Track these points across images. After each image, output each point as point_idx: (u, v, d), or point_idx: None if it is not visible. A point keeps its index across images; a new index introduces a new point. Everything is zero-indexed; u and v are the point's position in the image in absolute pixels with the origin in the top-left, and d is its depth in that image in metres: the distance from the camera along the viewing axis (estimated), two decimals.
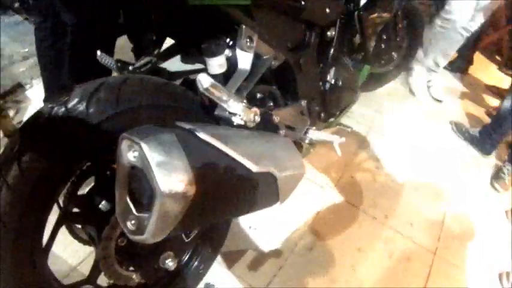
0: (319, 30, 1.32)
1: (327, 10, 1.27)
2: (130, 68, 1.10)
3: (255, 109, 0.97)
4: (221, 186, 0.82)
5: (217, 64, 0.95)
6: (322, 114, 1.50)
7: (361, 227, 1.76)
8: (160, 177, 0.69)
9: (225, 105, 0.92)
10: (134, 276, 1.03)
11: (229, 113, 0.94)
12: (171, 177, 0.70)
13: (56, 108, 0.81)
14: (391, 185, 1.99)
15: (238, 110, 0.92)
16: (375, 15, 1.58)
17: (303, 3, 1.15)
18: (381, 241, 1.72)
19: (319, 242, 1.66)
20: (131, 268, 1.01)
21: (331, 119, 1.56)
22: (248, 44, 0.99)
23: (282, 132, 1.24)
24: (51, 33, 1.52)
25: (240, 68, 0.99)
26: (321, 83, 1.44)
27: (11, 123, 1.83)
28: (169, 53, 1.20)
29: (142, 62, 1.11)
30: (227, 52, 0.99)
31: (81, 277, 1.03)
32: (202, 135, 0.78)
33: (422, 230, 1.80)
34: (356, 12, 1.48)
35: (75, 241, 1.04)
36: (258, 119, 0.99)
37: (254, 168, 0.86)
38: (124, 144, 0.74)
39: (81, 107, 0.81)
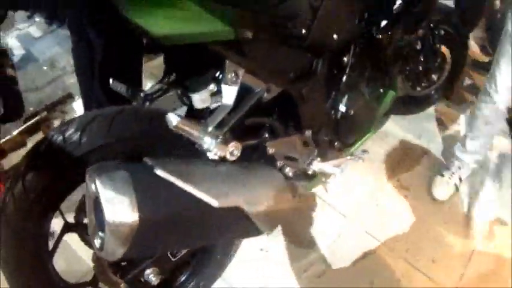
0: (328, 56, 1.30)
1: (335, 36, 1.24)
2: (142, 94, 1.19)
3: (233, 144, 1.02)
4: (174, 219, 0.90)
5: (199, 99, 1.03)
6: (336, 144, 1.49)
7: (377, 259, 1.72)
8: (108, 209, 0.80)
9: (198, 142, 0.97)
10: (122, 285, 1.14)
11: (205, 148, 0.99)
12: (117, 210, 0.80)
13: (55, 136, 0.96)
14: (418, 215, 1.91)
15: (211, 146, 0.97)
16: (397, 37, 1.51)
17: (303, 31, 1.14)
18: (397, 277, 1.67)
19: (329, 270, 1.66)
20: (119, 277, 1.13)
21: (348, 149, 1.55)
22: (233, 79, 1.03)
23: (279, 163, 1.28)
24: (86, 52, 1.68)
25: (223, 102, 1.04)
26: (332, 111, 1.43)
27: None
28: (179, 81, 1.28)
29: (153, 89, 1.20)
30: (212, 87, 1.05)
31: None
32: (159, 171, 0.85)
33: (444, 268, 1.72)
34: (374, 35, 1.43)
35: None
36: (237, 153, 1.03)
37: (215, 203, 0.91)
38: (88, 177, 0.84)
39: (76, 137, 0.96)
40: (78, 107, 2.34)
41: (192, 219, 0.93)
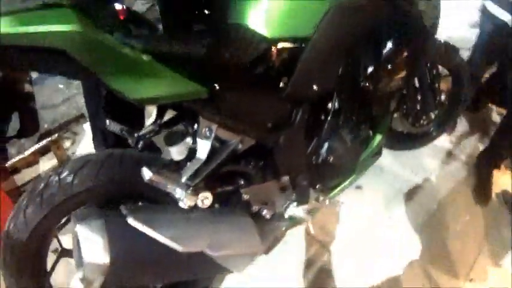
0: (308, 105, 1.40)
1: (315, 87, 1.33)
2: (135, 135, 1.36)
3: (203, 194, 1.20)
4: (143, 260, 1.09)
5: (176, 152, 1.20)
6: (315, 188, 1.60)
7: None
8: (85, 250, 1.00)
9: (171, 192, 1.16)
10: None
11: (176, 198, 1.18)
12: (92, 251, 1.00)
13: (52, 177, 1.18)
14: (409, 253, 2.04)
15: (181, 196, 1.16)
16: (385, 83, 1.59)
17: (281, 84, 1.27)
18: None
19: None
20: None
21: (328, 193, 1.67)
22: (207, 133, 1.19)
23: (255, 208, 1.42)
24: (92, 90, 1.90)
25: (197, 155, 1.21)
26: (312, 157, 1.54)
27: (65, 154, 2.29)
28: (171, 123, 1.40)
29: (146, 130, 1.36)
30: (188, 140, 1.22)
31: None
32: (130, 220, 1.05)
33: None
34: (359, 82, 1.52)
35: None
36: (208, 202, 1.21)
37: (180, 248, 1.09)
38: (72, 221, 1.06)
39: (69, 179, 1.17)
40: (88, 128, 2.55)
41: (160, 260, 1.11)
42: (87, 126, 2.59)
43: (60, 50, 0.85)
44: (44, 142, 2.32)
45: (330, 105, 1.51)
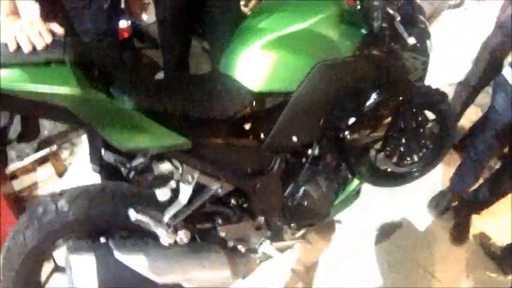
0: (287, 154, 1.56)
1: (295, 139, 1.49)
2: (127, 165, 1.48)
3: (182, 232, 1.40)
4: None
5: (161, 194, 1.38)
6: (288, 228, 1.78)
7: None
8: (76, 279, 1.21)
9: (154, 231, 1.37)
10: None
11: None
12: (82, 281, 1.21)
13: (50, 205, 1.37)
14: None
15: (162, 235, 1.37)
16: (366, 133, 1.77)
17: (261, 136, 1.43)
18: None
19: None
20: None
21: (299, 232, 1.85)
22: (189, 179, 1.36)
23: (230, 244, 1.61)
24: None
25: (179, 198, 1.39)
26: (289, 201, 1.71)
27: (63, 165, 2.51)
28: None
29: (136, 162, 1.47)
30: (172, 183, 1.39)
31: None
32: (116, 253, 1.26)
33: None
34: (340, 133, 1.68)
35: None
36: (186, 240, 1.40)
37: (159, 280, 1.31)
38: (66, 251, 1.28)
39: (65, 208, 1.36)
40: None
41: None
42: (85, 138, 2.78)
43: (62, 106, 1.01)
44: (43, 153, 2.55)
45: (309, 152, 1.66)
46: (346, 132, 1.71)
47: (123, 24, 2.51)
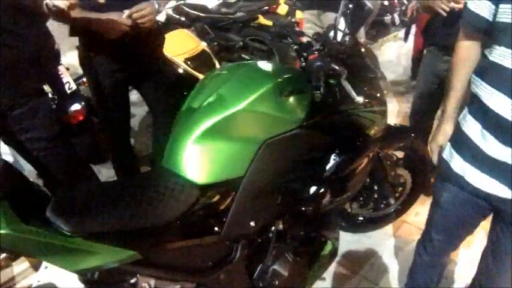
0: (247, 239, 1.49)
1: (252, 224, 1.43)
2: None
3: None
4: None
5: None
6: None
7: None
8: None
9: None
10: None
11: None
12: None
13: None
14: None
15: None
16: (330, 199, 1.66)
17: (216, 228, 1.37)
18: None
19: None
20: None
21: None
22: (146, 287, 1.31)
23: None
24: None
25: None
26: (259, 283, 1.63)
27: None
28: None
29: None
30: None
31: None
32: None
33: None
34: (302, 204, 1.60)
35: None
36: None
37: None
38: None
39: None
40: None
41: None
42: None
43: None
44: None
45: (270, 234, 1.59)
46: (309, 202, 1.64)
47: (76, 107, 2.50)
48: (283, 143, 1.46)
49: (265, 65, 1.68)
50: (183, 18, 4.26)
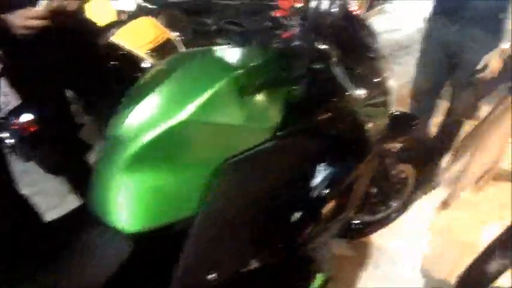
0: None
1: (212, 275, 1.14)
2: None
3: None
4: None
5: None
6: None
7: None
8: None
9: None
10: None
11: None
12: None
13: None
14: None
15: None
16: (315, 231, 1.37)
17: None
18: None
19: None
20: None
21: None
22: None
23: None
24: None
25: None
26: None
27: None
28: None
29: None
30: None
31: None
32: None
33: None
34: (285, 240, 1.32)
35: None
36: None
37: None
38: None
39: None
40: None
41: None
42: None
43: None
44: None
45: (251, 268, 1.29)
46: (295, 231, 1.32)
47: (26, 117, 2.21)
48: (251, 161, 1.11)
49: (227, 52, 1.28)
50: (154, 7, 3.79)
